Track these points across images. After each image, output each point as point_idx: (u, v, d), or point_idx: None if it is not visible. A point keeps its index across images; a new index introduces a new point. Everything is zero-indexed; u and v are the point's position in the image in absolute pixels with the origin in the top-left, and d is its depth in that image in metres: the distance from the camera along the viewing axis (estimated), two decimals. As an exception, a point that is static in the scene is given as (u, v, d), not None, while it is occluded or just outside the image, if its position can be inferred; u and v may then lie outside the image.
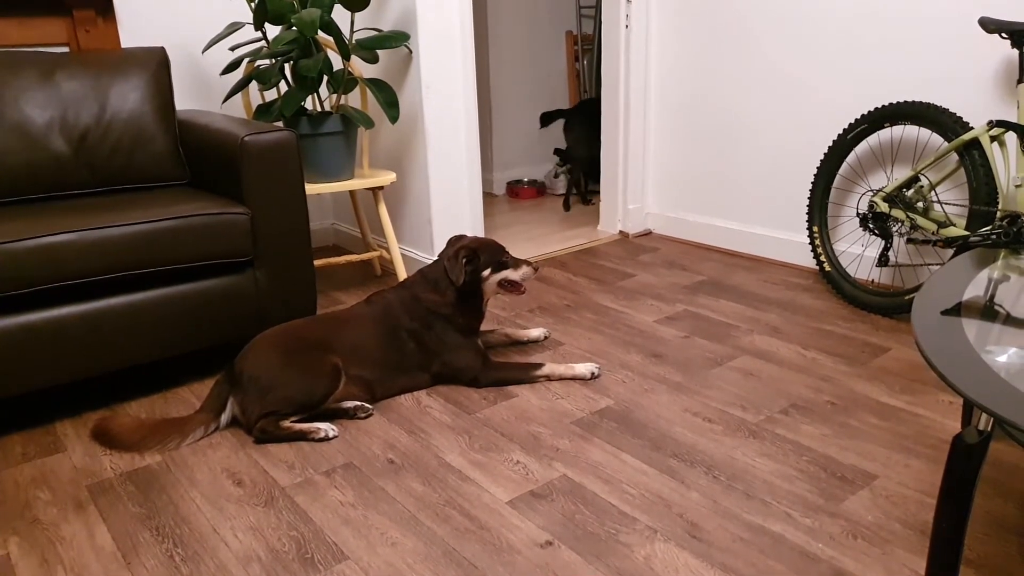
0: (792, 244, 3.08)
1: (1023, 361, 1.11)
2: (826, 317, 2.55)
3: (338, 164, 2.68)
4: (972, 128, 2.28)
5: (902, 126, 2.60)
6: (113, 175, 2.32)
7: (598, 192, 3.74)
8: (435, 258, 2.20)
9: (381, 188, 2.78)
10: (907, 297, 2.43)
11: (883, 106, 2.51)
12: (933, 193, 2.40)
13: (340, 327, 2.05)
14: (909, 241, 2.38)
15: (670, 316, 2.61)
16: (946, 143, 2.33)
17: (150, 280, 2.05)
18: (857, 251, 2.85)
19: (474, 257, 2.11)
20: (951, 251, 2.35)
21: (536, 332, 2.44)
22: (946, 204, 2.46)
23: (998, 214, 2.19)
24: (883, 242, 2.51)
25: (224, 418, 1.95)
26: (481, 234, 3.07)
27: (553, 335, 2.49)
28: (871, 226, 2.52)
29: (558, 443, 1.85)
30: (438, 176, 2.90)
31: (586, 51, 4.65)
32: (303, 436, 1.89)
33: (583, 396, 2.07)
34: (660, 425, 1.91)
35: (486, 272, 2.13)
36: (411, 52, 2.79)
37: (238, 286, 2.17)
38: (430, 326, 2.11)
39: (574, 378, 2.17)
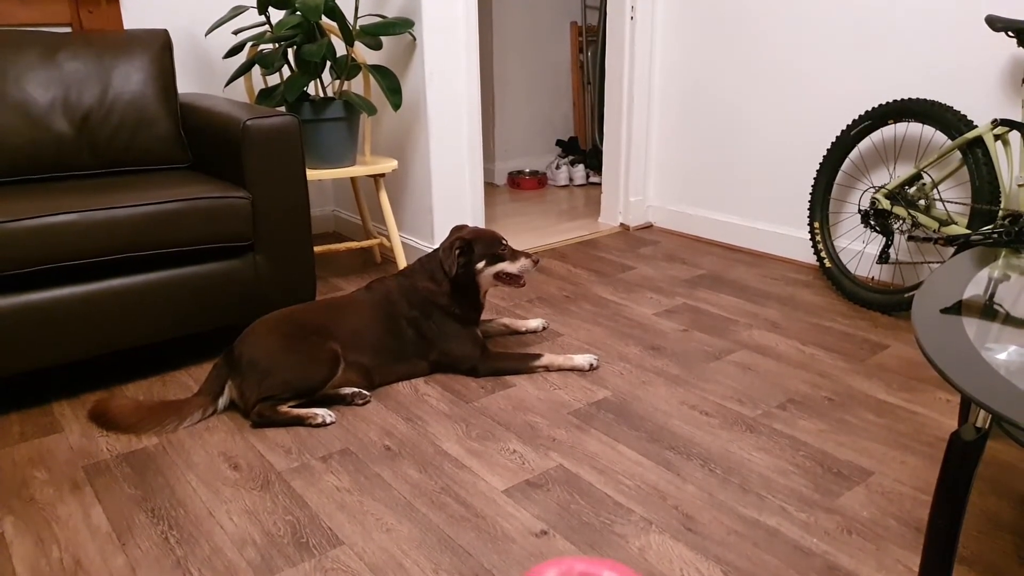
0: (793, 240, 3.07)
1: (1022, 359, 1.11)
2: (825, 313, 2.55)
3: (340, 150, 2.67)
4: (976, 126, 2.27)
5: (906, 123, 2.60)
6: (114, 157, 2.31)
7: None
8: (435, 247, 2.20)
9: (382, 175, 2.78)
10: (907, 295, 2.43)
11: (887, 103, 2.51)
12: (935, 191, 2.40)
13: (339, 313, 2.05)
14: (910, 239, 2.37)
15: (669, 309, 2.61)
16: (950, 141, 2.32)
17: (150, 262, 2.04)
18: (858, 248, 2.84)
19: (468, 249, 2.10)
20: (952, 249, 2.35)
21: (535, 322, 2.44)
22: (948, 202, 2.46)
23: (1000, 213, 2.19)
24: (884, 239, 2.50)
25: (222, 402, 1.95)
26: (482, 224, 3.06)
27: (552, 326, 2.49)
28: (872, 223, 2.52)
29: (555, 433, 1.85)
30: (440, 164, 2.90)
31: (590, 42, 4.63)
32: (300, 421, 1.89)
33: (581, 387, 2.08)
34: (657, 417, 1.91)
35: (480, 264, 2.12)
36: (415, 39, 2.78)
37: (238, 270, 2.17)
38: (428, 315, 2.10)
39: (572, 369, 2.17)
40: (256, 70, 3.07)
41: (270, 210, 2.18)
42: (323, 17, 2.48)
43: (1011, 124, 2.19)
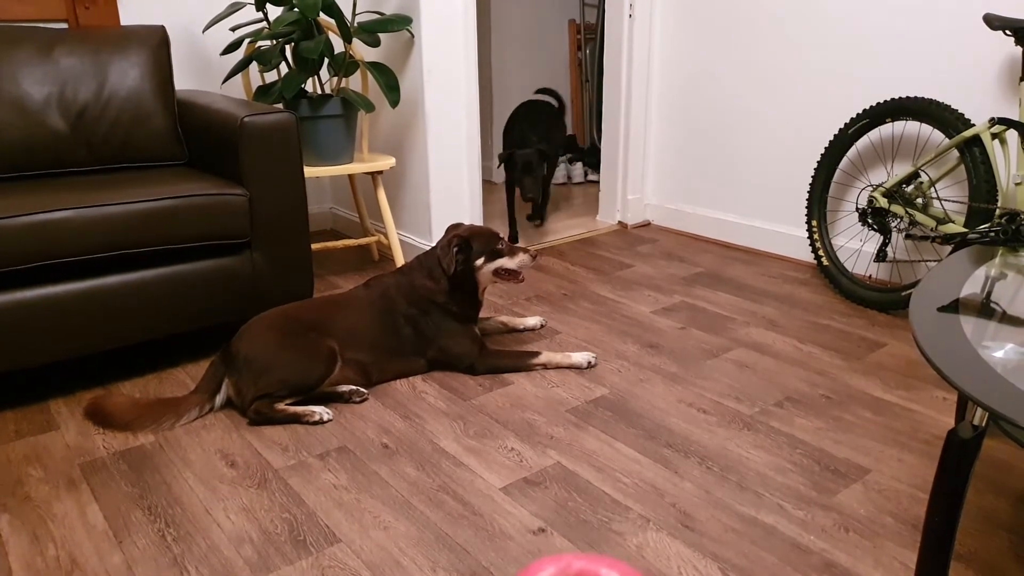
0: (790, 238, 3.08)
1: (1019, 357, 1.12)
2: (823, 311, 2.55)
3: (337, 147, 2.67)
4: (974, 125, 2.27)
5: (903, 122, 2.60)
6: (111, 153, 2.30)
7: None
8: (433, 244, 2.20)
9: (380, 173, 2.77)
10: (904, 293, 2.43)
11: (885, 101, 2.51)
12: (933, 189, 2.40)
13: (337, 310, 2.05)
14: (908, 237, 2.38)
15: (667, 307, 2.61)
16: (947, 139, 2.33)
17: (146, 259, 2.04)
18: (855, 246, 2.85)
19: (466, 246, 2.09)
20: (949, 248, 2.35)
21: (533, 320, 2.44)
22: (945, 201, 2.46)
23: (997, 212, 2.19)
24: (881, 237, 2.51)
25: (219, 399, 1.94)
26: (480, 222, 3.06)
27: (550, 324, 2.48)
28: (870, 221, 2.52)
29: (552, 431, 1.85)
30: (438, 162, 2.89)
31: (588, 40, 4.63)
32: (297, 419, 1.89)
33: (578, 385, 2.07)
34: (655, 415, 1.91)
35: (479, 261, 2.11)
36: (413, 36, 2.77)
37: (235, 267, 2.16)
38: (427, 312, 2.10)
39: (570, 367, 2.17)
40: (254, 67, 3.06)
41: (267, 207, 2.18)
42: (321, 14, 2.48)
43: (1008, 123, 2.19)
